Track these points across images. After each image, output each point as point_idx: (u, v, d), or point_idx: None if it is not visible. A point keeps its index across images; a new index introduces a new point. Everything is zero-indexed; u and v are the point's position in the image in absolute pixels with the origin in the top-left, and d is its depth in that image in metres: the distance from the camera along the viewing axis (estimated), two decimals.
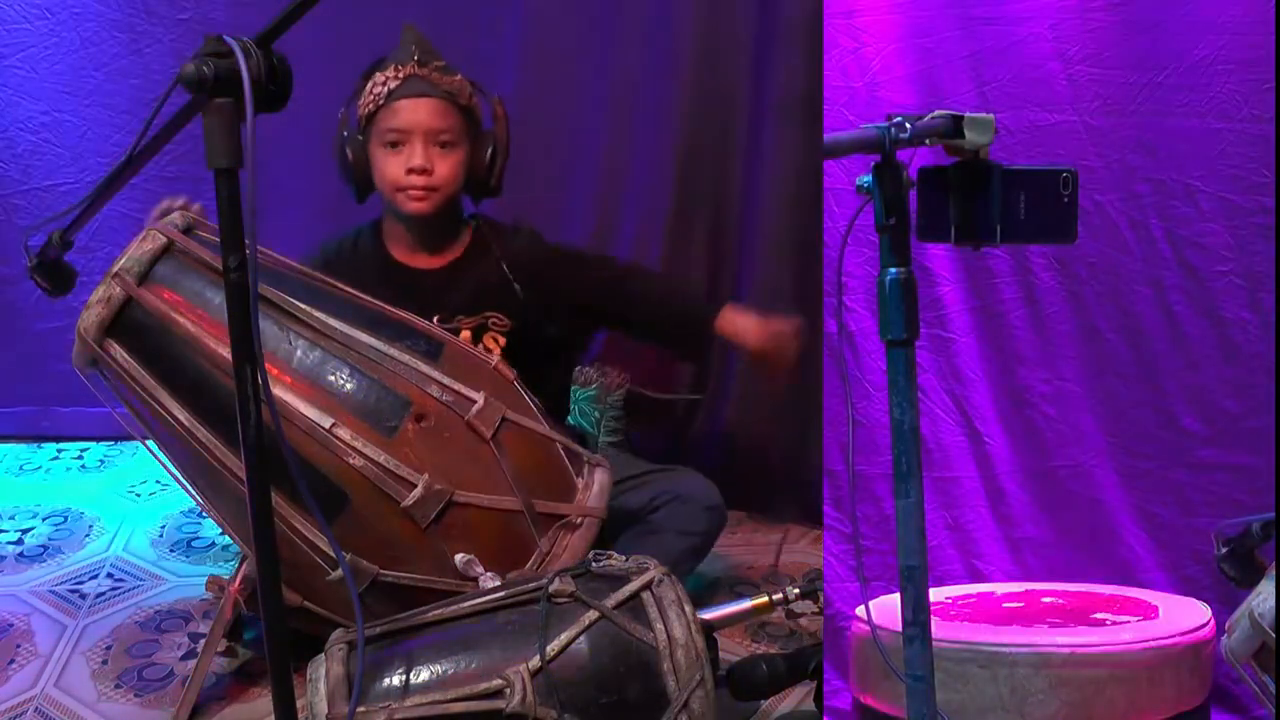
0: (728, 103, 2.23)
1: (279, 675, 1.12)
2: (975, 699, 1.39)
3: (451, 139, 1.78)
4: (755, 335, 1.83)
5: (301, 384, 1.51)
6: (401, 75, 1.76)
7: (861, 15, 1.70)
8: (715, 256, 2.34)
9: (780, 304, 2.25)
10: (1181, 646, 1.41)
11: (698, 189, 2.32)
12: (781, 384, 1.82)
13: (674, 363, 2.30)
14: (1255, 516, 1.40)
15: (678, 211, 2.34)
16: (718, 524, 1.85)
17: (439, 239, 1.88)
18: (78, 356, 1.54)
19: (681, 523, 1.80)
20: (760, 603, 1.53)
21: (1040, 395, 1.75)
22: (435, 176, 1.78)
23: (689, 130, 2.29)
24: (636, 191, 2.39)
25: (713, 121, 2.27)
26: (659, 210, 2.36)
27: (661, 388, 2.29)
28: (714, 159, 2.29)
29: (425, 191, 1.78)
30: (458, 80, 1.80)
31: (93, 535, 2.20)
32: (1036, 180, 0.99)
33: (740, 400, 2.33)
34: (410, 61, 1.77)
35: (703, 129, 2.28)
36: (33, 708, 1.61)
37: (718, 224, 2.33)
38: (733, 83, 2.21)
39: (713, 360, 2.31)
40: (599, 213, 2.42)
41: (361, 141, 1.81)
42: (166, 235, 1.53)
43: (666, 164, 2.33)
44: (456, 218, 1.90)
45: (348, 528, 1.48)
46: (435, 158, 1.77)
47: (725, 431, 2.36)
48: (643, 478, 1.86)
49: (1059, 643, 1.40)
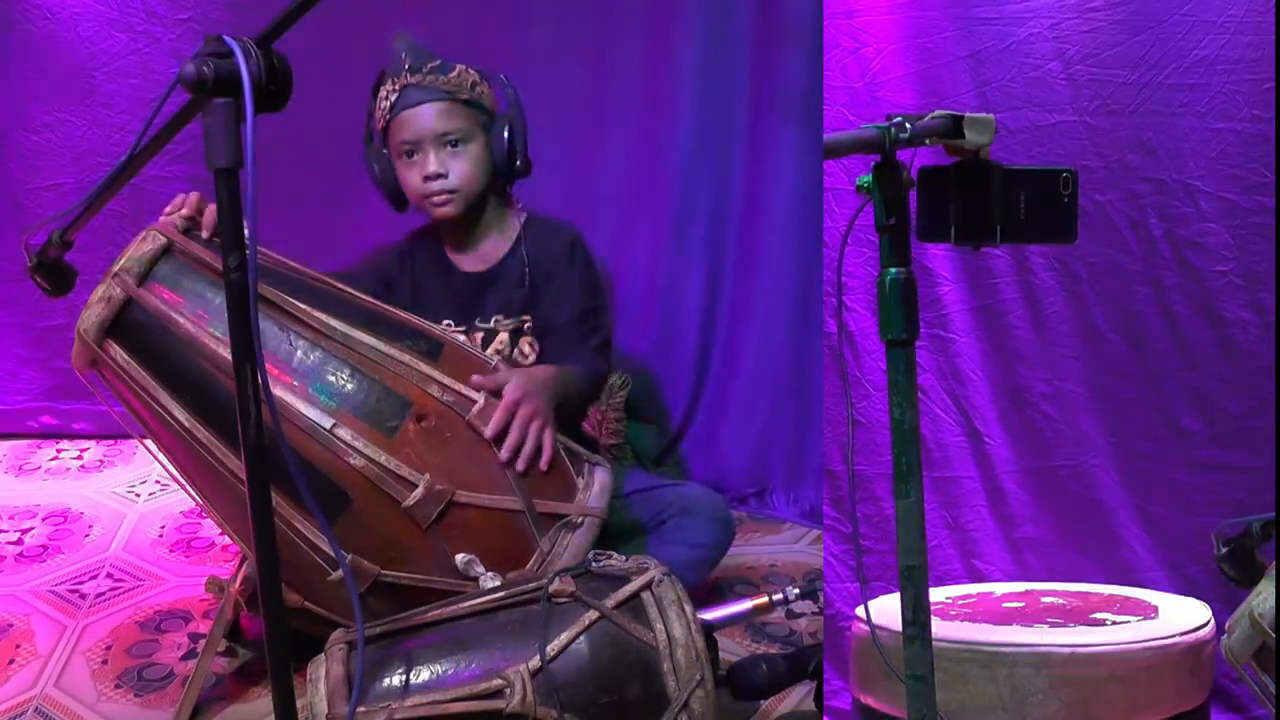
0: (728, 102, 2.23)
1: (279, 675, 1.12)
2: (975, 699, 1.39)
3: (461, 136, 1.78)
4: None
5: (302, 384, 1.51)
6: (398, 86, 1.77)
7: (861, 15, 1.71)
8: (716, 257, 2.34)
9: (780, 303, 2.27)
10: (1181, 646, 1.41)
11: (698, 189, 2.32)
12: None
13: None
14: (1255, 516, 1.41)
15: (678, 212, 2.35)
16: (726, 538, 1.84)
17: (480, 237, 1.88)
18: (77, 356, 1.54)
19: (691, 536, 1.79)
20: (760, 603, 1.53)
21: (1040, 395, 1.75)
22: (452, 179, 1.78)
23: (689, 130, 2.29)
24: (637, 191, 2.39)
25: (713, 121, 2.27)
26: (659, 210, 2.37)
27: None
28: (714, 159, 2.29)
29: (447, 195, 1.79)
30: (455, 76, 1.79)
31: (93, 535, 2.20)
32: (1036, 180, 0.99)
33: (740, 399, 2.34)
34: (403, 71, 1.77)
35: (703, 129, 2.28)
36: (33, 708, 1.60)
37: (718, 224, 2.34)
38: (733, 83, 2.21)
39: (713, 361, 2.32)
40: (600, 213, 2.42)
41: (386, 155, 1.83)
42: (166, 235, 1.53)
43: (666, 164, 2.33)
44: (497, 212, 1.88)
45: (348, 528, 1.48)
46: (448, 160, 1.78)
47: (725, 430, 2.37)
48: (650, 491, 1.86)
49: (1059, 643, 1.40)
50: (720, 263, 2.34)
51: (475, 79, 1.81)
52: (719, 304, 2.36)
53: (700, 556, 1.79)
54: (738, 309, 2.34)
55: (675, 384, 2.42)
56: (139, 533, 2.20)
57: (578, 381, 1.76)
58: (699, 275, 2.36)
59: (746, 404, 2.34)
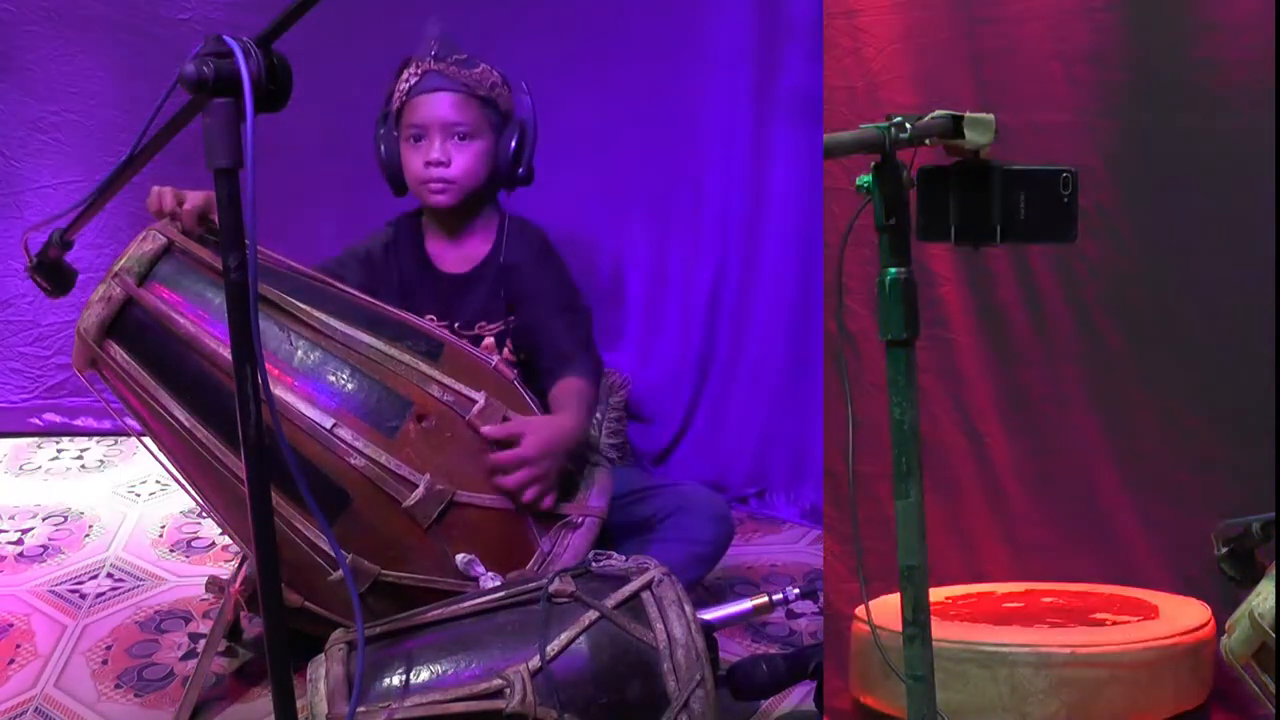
0: (728, 103, 2.23)
1: (279, 675, 1.12)
2: (975, 699, 1.39)
3: (470, 131, 1.79)
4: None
5: (302, 384, 1.51)
6: (420, 71, 1.79)
7: (862, 15, 1.71)
8: (716, 257, 2.35)
9: (780, 304, 2.27)
10: (1181, 646, 1.41)
11: (698, 190, 2.33)
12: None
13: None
14: (1255, 516, 1.40)
15: (678, 212, 2.35)
16: (725, 535, 1.84)
17: (467, 235, 1.89)
18: (78, 356, 1.54)
19: (689, 533, 1.80)
20: (760, 603, 1.53)
21: (1040, 395, 1.75)
22: (453, 169, 1.79)
23: (689, 130, 2.29)
24: (637, 192, 2.40)
25: (713, 122, 2.27)
26: (660, 210, 2.37)
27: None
28: (715, 159, 2.29)
29: (445, 184, 1.80)
30: (478, 72, 1.80)
31: (93, 535, 2.20)
32: (1036, 180, 0.99)
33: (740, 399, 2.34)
34: (428, 57, 1.79)
35: (703, 129, 2.28)
36: (33, 708, 1.61)
37: (719, 224, 2.34)
38: (733, 83, 2.22)
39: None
40: (600, 214, 2.42)
41: (395, 138, 1.84)
42: (166, 235, 1.53)
43: (667, 165, 2.33)
44: (485, 213, 1.90)
45: (349, 528, 1.48)
46: (453, 150, 1.79)
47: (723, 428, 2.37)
48: (648, 491, 1.86)
49: (1059, 643, 1.40)
50: (721, 263, 2.34)
51: (497, 80, 1.83)
52: (720, 304, 2.36)
53: (700, 553, 1.80)
54: (738, 309, 2.34)
55: (675, 384, 2.42)
56: (139, 533, 2.21)
57: (588, 398, 1.78)
58: (699, 276, 2.36)
59: (746, 404, 2.34)
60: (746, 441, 2.34)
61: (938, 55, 1.70)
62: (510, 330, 1.86)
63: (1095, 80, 1.66)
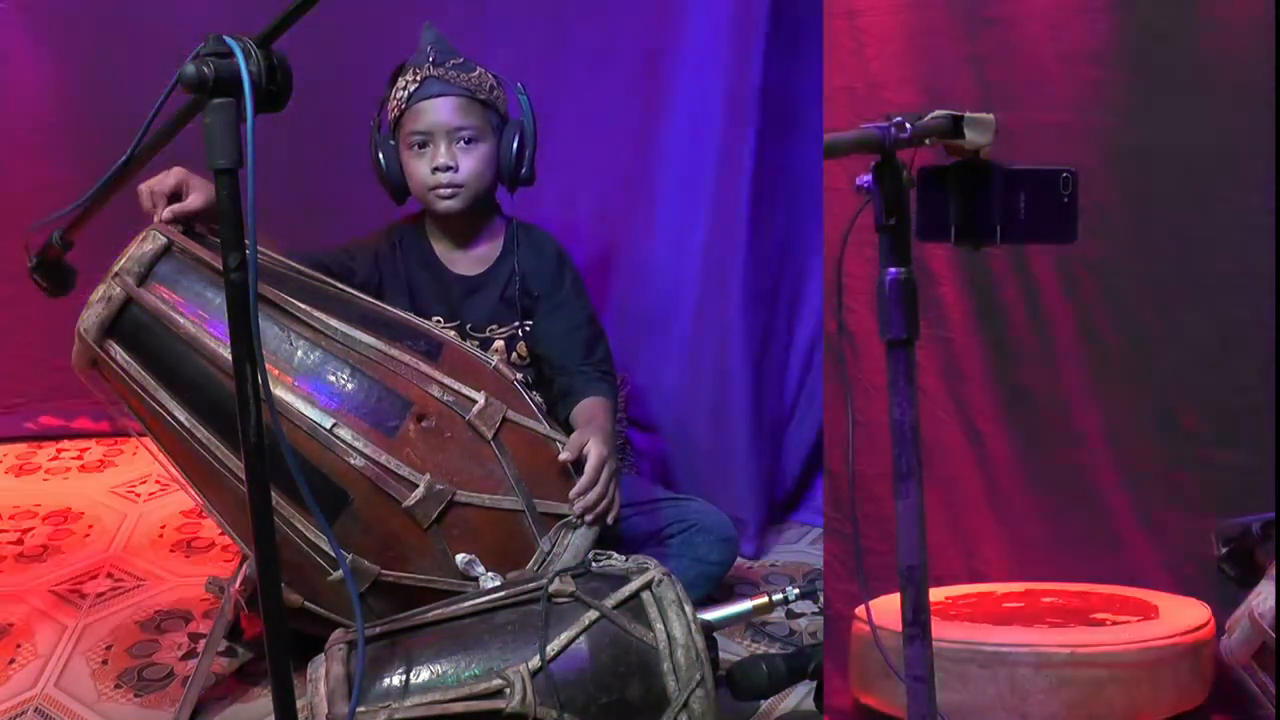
0: (727, 103, 2.23)
1: (279, 675, 1.12)
2: (975, 699, 1.39)
3: (474, 134, 1.80)
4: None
5: (302, 384, 1.51)
6: (419, 77, 1.80)
7: (862, 15, 1.70)
8: (717, 259, 2.34)
9: (780, 304, 2.26)
10: (1181, 646, 1.41)
11: (699, 190, 2.32)
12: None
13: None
14: (1255, 516, 1.40)
15: (678, 213, 2.34)
16: (732, 557, 1.89)
17: (475, 239, 1.90)
18: (78, 356, 1.54)
19: (699, 551, 1.84)
20: (760, 603, 1.53)
21: (1040, 395, 1.75)
22: (461, 173, 1.80)
23: (689, 131, 2.29)
24: (636, 192, 2.39)
25: (713, 122, 2.26)
26: (660, 211, 2.36)
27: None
28: (715, 159, 2.29)
29: (453, 189, 1.81)
30: (476, 75, 1.81)
31: (93, 535, 2.20)
32: (1036, 180, 0.99)
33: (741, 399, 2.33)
34: (426, 63, 1.80)
35: (703, 130, 2.28)
36: (33, 708, 1.61)
37: (718, 225, 2.33)
38: (733, 83, 2.21)
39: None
40: (600, 214, 2.42)
41: (393, 146, 1.84)
42: (166, 235, 1.53)
43: (667, 165, 2.33)
44: (492, 218, 1.91)
45: (349, 528, 1.48)
46: (459, 155, 1.80)
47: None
48: (653, 504, 1.87)
49: (1059, 643, 1.40)
50: (721, 264, 2.34)
51: (494, 82, 1.84)
52: (720, 303, 2.35)
53: (708, 573, 1.85)
54: (739, 308, 2.33)
55: (675, 384, 2.41)
56: (139, 533, 2.21)
57: (613, 410, 1.83)
58: (700, 276, 2.36)
59: (746, 404, 2.33)
60: (746, 442, 2.33)
61: (938, 55, 1.70)
62: (523, 335, 1.86)
63: (1095, 80, 1.66)
